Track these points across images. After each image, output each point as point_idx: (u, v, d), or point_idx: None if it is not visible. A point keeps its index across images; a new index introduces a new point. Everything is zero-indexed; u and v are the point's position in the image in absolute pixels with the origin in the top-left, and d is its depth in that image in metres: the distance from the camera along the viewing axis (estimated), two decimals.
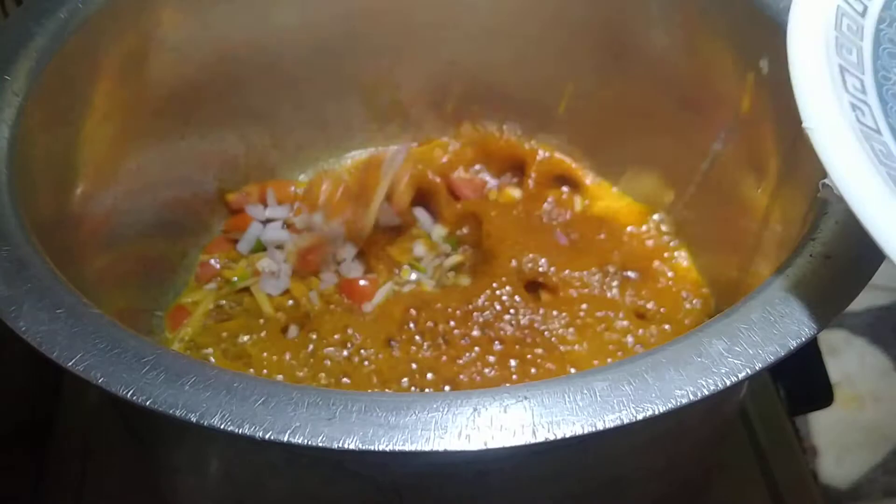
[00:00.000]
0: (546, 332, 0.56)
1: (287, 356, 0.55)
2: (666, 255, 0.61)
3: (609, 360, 0.56)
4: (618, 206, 0.63)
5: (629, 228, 0.62)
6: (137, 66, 0.52)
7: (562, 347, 0.55)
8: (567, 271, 0.59)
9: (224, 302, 0.58)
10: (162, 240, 0.58)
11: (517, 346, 0.55)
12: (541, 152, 0.66)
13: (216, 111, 0.59)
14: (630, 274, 0.59)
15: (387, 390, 0.54)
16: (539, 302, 0.58)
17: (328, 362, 0.55)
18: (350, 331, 0.56)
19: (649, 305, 0.58)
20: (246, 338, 0.56)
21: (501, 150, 0.66)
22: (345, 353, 0.55)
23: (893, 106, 0.33)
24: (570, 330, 0.56)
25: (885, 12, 0.36)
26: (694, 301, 0.58)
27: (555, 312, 0.57)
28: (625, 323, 0.57)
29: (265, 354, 0.55)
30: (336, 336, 0.56)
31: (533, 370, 0.55)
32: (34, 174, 0.43)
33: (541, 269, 0.59)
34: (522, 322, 0.57)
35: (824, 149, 0.31)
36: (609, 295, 0.58)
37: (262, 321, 0.57)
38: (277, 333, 0.56)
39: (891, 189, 0.29)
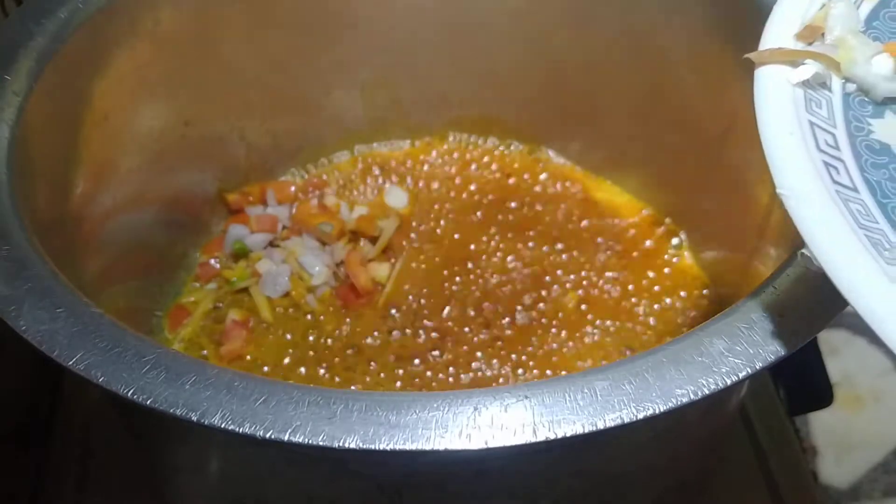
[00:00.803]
0: (548, 331, 0.56)
1: (286, 359, 0.55)
2: (667, 252, 0.61)
3: (596, 352, 0.56)
4: (619, 203, 0.63)
5: (630, 225, 0.62)
6: (137, 65, 0.52)
7: (557, 345, 0.55)
8: (566, 267, 0.59)
9: (222, 304, 0.58)
10: (162, 240, 0.58)
11: (517, 345, 0.56)
12: (542, 152, 0.66)
13: (216, 111, 0.59)
14: (630, 270, 0.59)
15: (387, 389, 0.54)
16: (539, 299, 0.58)
17: (327, 363, 0.55)
18: (349, 331, 0.57)
19: (649, 302, 0.58)
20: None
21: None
22: (345, 353, 0.56)
23: (868, 159, 0.32)
24: (570, 326, 0.56)
25: None
26: (695, 299, 0.58)
27: (548, 308, 0.57)
28: (625, 319, 0.57)
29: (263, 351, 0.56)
30: (335, 336, 0.56)
31: (530, 366, 0.55)
32: (34, 174, 0.43)
33: (540, 267, 0.59)
34: (520, 321, 0.57)
35: (800, 217, 0.30)
36: (610, 291, 0.58)
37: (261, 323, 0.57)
38: (276, 335, 0.57)
39: (871, 256, 0.28)
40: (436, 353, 0.56)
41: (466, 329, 0.57)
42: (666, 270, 0.60)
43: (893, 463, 0.85)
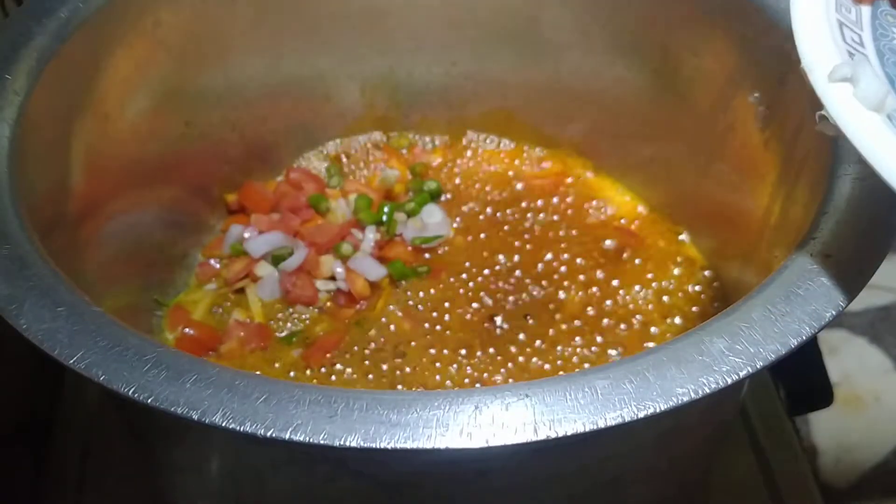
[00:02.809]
0: (550, 329, 0.56)
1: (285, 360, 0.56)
2: (670, 249, 0.61)
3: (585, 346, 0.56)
4: (622, 201, 0.63)
5: (633, 223, 0.62)
6: (137, 65, 0.52)
7: (559, 345, 0.56)
8: (569, 266, 0.59)
9: (221, 309, 0.58)
10: (162, 240, 0.58)
11: (518, 345, 0.56)
12: (543, 150, 0.66)
13: (216, 111, 0.59)
14: (633, 268, 0.59)
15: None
16: (541, 297, 0.58)
17: (325, 364, 0.55)
18: (348, 333, 0.56)
19: (652, 300, 0.58)
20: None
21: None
22: (343, 355, 0.56)
23: (890, 58, 0.35)
24: (570, 323, 0.57)
25: None
26: (698, 296, 0.58)
27: (553, 307, 0.57)
28: (628, 317, 0.57)
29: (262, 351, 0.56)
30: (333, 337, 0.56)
31: (534, 360, 0.55)
32: (34, 174, 0.43)
33: (541, 265, 0.60)
34: (521, 320, 0.57)
35: (821, 84, 0.32)
36: (613, 290, 0.58)
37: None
38: (275, 335, 0.57)
39: (882, 118, 0.31)
40: (435, 353, 0.55)
41: (466, 330, 0.57)
42: (668, 268, 0.60)
43: (893, 463, 0.85)
